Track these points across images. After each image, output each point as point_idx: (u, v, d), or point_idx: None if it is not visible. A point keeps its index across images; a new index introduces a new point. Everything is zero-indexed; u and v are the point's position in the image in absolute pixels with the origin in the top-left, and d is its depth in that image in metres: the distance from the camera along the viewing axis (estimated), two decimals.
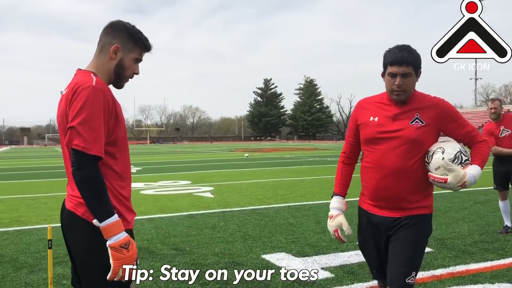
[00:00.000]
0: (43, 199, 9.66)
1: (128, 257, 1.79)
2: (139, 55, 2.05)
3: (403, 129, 2.33)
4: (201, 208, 8.18)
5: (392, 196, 2.38)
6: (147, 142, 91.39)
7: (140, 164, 21.77)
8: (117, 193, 1.93)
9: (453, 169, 2.25)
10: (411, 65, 2.30)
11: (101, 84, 1.87)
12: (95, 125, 1.80)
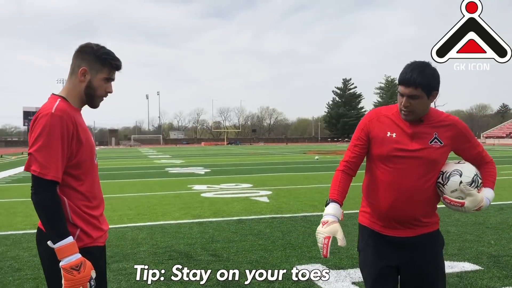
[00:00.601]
0: (110, 200, 10.22)
1: (79, 279, 1.84)
2: (108, 74, 2.10)
3: (423, 149, 2.25)
4: (252, 214, 8.21)
5: (406, 216, 2.29)
6: (225, 143, 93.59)
7: (209, 166, 22.37)
8: (82, 212, 2.00)
9: (471, 193, 2.21)
10: (419, 87, 2.17)
11: (60, 110, 1.93)
12: (51, 152, 1.87)
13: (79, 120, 2.03)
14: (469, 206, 2.20)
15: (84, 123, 2.10)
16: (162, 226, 7.18)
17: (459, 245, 5.69)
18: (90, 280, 1.88)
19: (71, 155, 1.96)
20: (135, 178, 15.94)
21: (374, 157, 2.36)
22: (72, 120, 1.96)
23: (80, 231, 1.97)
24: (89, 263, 1.91)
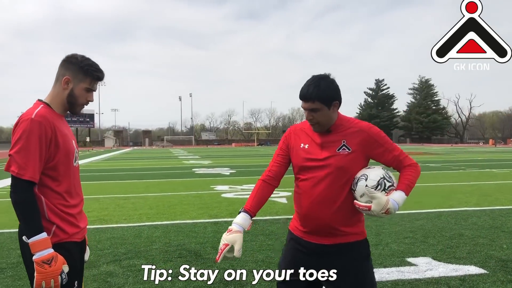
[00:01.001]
0: (133, 199, 10.55)
1: (50, 272, 1.99)
2: (89, 85, 2.24)
3: (332, 157, 2.31)
4: (268, 214, 8.31)
5: (323, 224, 2.33)
6: (255, 144, 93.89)
7: (236, 167, 22.57)
8: (58, 210, 2.15)
9: (375, 196, 2.20)
10: (317, 100, 2.27)
11: (40, 116, 2.09)
12: (29, 154, 2.03)
13: (59, 125, 2.18)
14: (376, 209, 2.20)
15: (65, 128, 2.25)
16: (178, 225, 7.39)
17: (469, 248, 5.63)
18: (61, 274, 2.03)
19: (49, 158, 2.11)
20: (161, 178, 16.29)
21: (293, 167, 2.48)
22: (51, 125, 2.11)
23: (56, 227, 2.12)
24: (61, 258, 2.06)
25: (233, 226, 2.32)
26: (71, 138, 2.28)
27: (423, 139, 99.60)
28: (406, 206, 9.14)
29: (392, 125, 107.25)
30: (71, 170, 2.24)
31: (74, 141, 2.34)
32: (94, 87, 2.28)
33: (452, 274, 4.60)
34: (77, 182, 2.32)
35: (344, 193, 2.31)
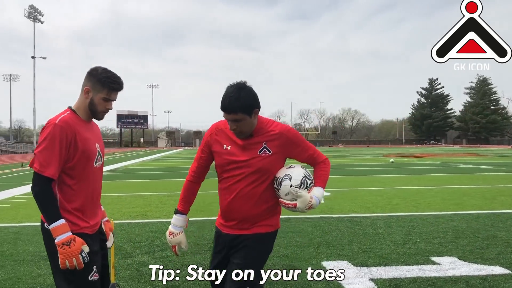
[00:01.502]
0: (175, 197, 11.01)
1: (70, 252, 2.27)
2: (106, 95, 2.49)
3: (253, 159, 2.49)
4: (302, 213, 8.44)
5: (241, 217, 2.55)
6: None
7: None
8: (70, 208, 2.42)
9: (300, 194, 2.44)
10: (238, 111, 2.41)
11: (62, 122, 2.38)
12: (50, 154, 2.33)
13: (81, 130, 2.45)
14: (301, 206, 2.43)
15: (89, 132, 2.51)
16: (213, 221, 7.68)
17: (500, 250, 5.55)
18: (81, 253, 2.30)
19: (68, 159, 2.39)
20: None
21: (216, 166, 2.66)
22: (72, 130, 2.39)
23: (66, 220, 2.37)
24: (79, 240, 2.33)
25: (173, 229, 2.66)
26: (94, 142, 2.54)
27: (480, 140, 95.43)
28: (443, 207, 9.04)
29: (447, 126, 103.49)
30: (90, 170, 2.49)
31: (99, 144, 2.60)
32: (111, 97, 2.52)
33: (474, 274, 4.59)
34: (97, 182, 2.58)
35: (262, 190, 2.52)
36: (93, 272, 2.42)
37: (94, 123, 2.69)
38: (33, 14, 64.29)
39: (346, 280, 4.44)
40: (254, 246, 2.56)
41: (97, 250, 2.52)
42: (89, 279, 2.40)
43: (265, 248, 2.62)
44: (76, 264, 2.30)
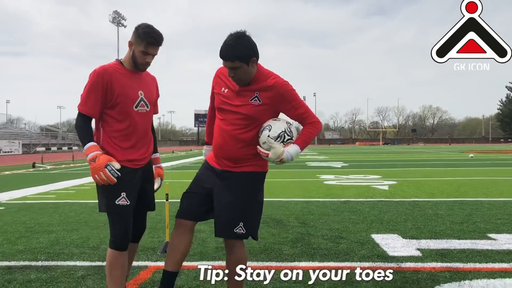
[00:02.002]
0: None
1: (95, 166, 2.60)
2: (144, 48, 2.75)
3: (243, 106, 2.64)
4: (363, 197, 8.43)
5: (230, 157, 2.72)
6: (380, 143, 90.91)
7: (350, 161, 22.49)
8: (112, 142, 2.75)
9: (274, 146, 2.58)
10: (236, 60, 2.53)
11: (102, 69, 2.71)
12: (88, 96, 2.70)
13: (120, 77, 2.74)
14: (272, 157, 2.58)
15: (130, 80, 2.77)
16: (272, 202, 7.92)
17: None
18: (106, 166, 2.60)
19: (106, 101, 2.72)
20: (271, 169, 17.05)
21: (215, 106, 2.85)
22: (109, 76, 2.70)
23: (106, 152, 2.72)
24: (105, 156, 2.63)
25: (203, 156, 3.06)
26: (137, 89, 2.80)
27: None
28: None
29: None
30: (130, 113, 2.78)
31: (145, 92, 2.85)
32: (149, 51, 2.77)
33: None
34: (140, 125, 2.83)
35: (250, 135, 2.68)
36: (121, 198, 2.71)
37: (148, 77, 2.96)
38: (117, 19, 68.56)
39: (391, 249, 4.46)
40: (242, 183, 2.71)
41: (135, 184, 2.81)
42: (116, 203, 2.70)
43: (252, 185, 2.75)
44: (104, 177, 2.60)
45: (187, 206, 2.79)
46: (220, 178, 2.74)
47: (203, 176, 2.84)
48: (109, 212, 2.75)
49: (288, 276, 3.61)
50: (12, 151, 45.15)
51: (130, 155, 2.79)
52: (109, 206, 2.72)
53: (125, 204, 2.73)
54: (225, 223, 2.67)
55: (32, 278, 3.62)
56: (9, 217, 6.63)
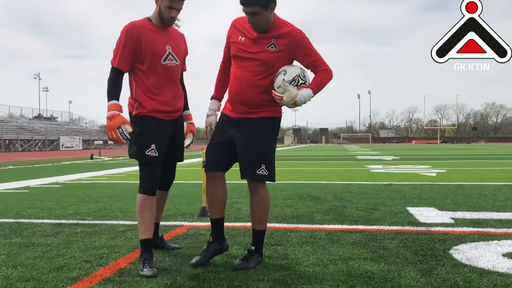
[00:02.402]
0: (296, 171, 11.50)
1: (109, 125, 2.80)
2: (169, 2, 2.91)
3: (260, 52, 2.76)
4: (406, 181, 8.32)
5: (245, 101, 2.83)
6: (437, 142, 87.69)
7: (402, 155, 21.99)
8: (142, 93, 2.93)
9: (288, 89, 2.69)
10: (257, 5, 2.66)
11: (130, 25, 2.92)
12: (118, 50, 2.89)
13: (148, 32, 2.93)
14: (286, 100, 2.68)
15: (158, 35, 2.94)
16: (314, 184, 8.01)
17: None
18: (118, 128, 2.79)
19: (136, 55, 2.91)
20: (322, 161, 17.06)
21: (231, 55, 2.91)
22: (138, 31, 2.89)
23: (138, 104, 2.92)
24: (120, 118, 2.82)
25: (208, 111, 3.05)
26: (165, 44, 2.97)
27: None
28: None
29: None
30: (159, 66, 2.96)
31: (172, 47, 3.01)
32: (173, 5, 2.93)
33: None
34: (169, 78, 3.01)
35: (267, 81, 2.79)
36: (151, 149, 2.89)
37: (176, 33, 3.15)
38: None
39: (424, 218, 4.43)
40: (262, 127, 2.85)
41: (165, 136, 2.99)
42: (146, 153, 2.89)
43: (270, 129, 2.89)
44: (115, 137, 2.81)
45: (214, 158, 2.92)
46: (239, 125, 2.86)
47: (222, 126, 2.95)
48: (139, 160, 2.96)
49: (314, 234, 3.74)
50: (73, 146, 47.74)
51: (161, 106, 2.95)
52: (140, 155, 2.92)
53: (154, 155, 2.91)
54: (248, 165, 2.82)
55: (78, 231, 3.95)
56: (65, 191, 7.15)
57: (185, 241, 3.58)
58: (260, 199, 2.90)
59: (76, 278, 2.61)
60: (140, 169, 2.99)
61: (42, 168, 13.83)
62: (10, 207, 5.45)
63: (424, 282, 2.47)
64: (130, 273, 2.71)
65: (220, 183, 2.95)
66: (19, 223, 4.36)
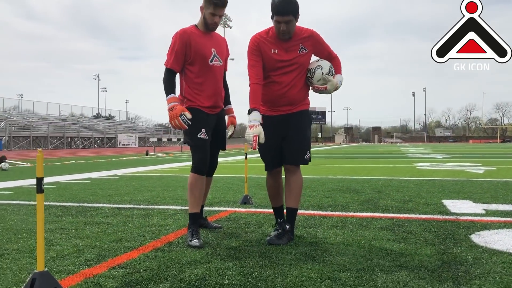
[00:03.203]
0: (340, 167, 11.70)
1: (172, 114, 3.20)
2: (213, 10, 3.32)
3: (295, 58, 3.24)
4: (451, 177, 8.34)
5: (290, 102, 3.30)
6: (497, 141, 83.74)
7: (454, 153, 21.45)
8: (190, 90, 3.35)
9: (330, 79, 3.28)
10: (291, 14, 3.08)
11: (181, 31, 3.33)
12: (171, 53, 3.31)
13: (196, 38, 3.34)
14: (330, 88, 3.28)
15: (205, 39, 3.35)
16: (356, 179, 8.21)
17: None
18: (180, 116, 3.19)
19: (186, 57, 3.33)
20: (369, 158, 17.05)
21: (266, 68, 3.27)
22: (187, 37, 3.31)
23: (187, 99, 3.35)
24: (180, 107, 3.21)
25: (253, 122, 3.11)
26: (211, 47, 3.40)
27: None
28: None
29: None
30: (206, 66, 3.37)
31: (217, 49, 3.43)
32: (216, 12, 3.35)
33: None
34: (215, 77, 3.42)
35: (303, 80, 3.31)
36: (201, 132, 3.31)
37: (219, 37, 3.56)
38: (223, 20, 71.82)
39: (457, 208, 4.59)
40: (303, 119, 3.35)
41: (210, 123, 3.40)
42: (198, 136, 3.31)
43: (309, 120, 3.42)
44: (178, 124, 3.21)
45: (271, 159, 3.38)
46: (285, 121, 3.30)
47: (269, 127, 3.22)
48: (192, 144, 3.36)
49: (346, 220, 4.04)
50: (130, 144, 49.85)
51: (206, 102, 3.38)
52: (193, 139, 3.34)
53: (204, 138, 3.34)
54: (297, 152, 3.29)
55: (134, 213, 4.45)
56: (122, 182, 7.79)
57: (226, 222, 3.98)
58: (298, 178, 3.33)
59: (132, 247, 3.06)
60: (192, 151, 3.39)
61: (102, 163, 14.80)
62: (75, 194, 6.10)
63: (437, 258, 2.72)
64: (177, 245, 3.13)
65: (278, 178, 3.46)
66: (83, 207, 4.94)
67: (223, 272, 2.48)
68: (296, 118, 3.32)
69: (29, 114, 50.46)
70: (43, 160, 2.16)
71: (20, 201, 5.40)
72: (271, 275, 2.41)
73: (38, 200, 2.14)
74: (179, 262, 2.68)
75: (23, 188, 6.87)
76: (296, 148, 3.29)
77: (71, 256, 2.84)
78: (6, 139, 38.26)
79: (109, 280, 2.34)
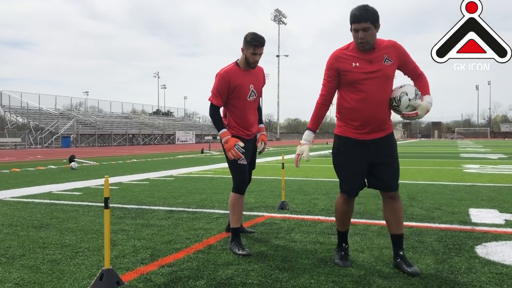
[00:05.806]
0: None
1: (227, 146, 3.73)
2: (253, 50, 3.79)
3: (381, 69, 3.04)
4: (493, 183, 8.44)
5: (378, 122, 3.10)
6: None
7: (507, 153, 20.80)
8: (234, 123, 3.87)
9: (419, 104, 3.06)
10: (368, 20, 2.95)
11: (224, 71, 3.82)
12: (216, 91, 3.82)
13: (237, 76, 3.80)
14: (422, 113, 3.04)
15: (244, 77, 3.76)
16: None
17: None
18: (235, 146, 3.72)
19: (229, 94, 3.84)
20: (420, 159, 16.95)
21: (346, 84, 3.09)
22: (229, 76, 3.79)
23: (230, 127, 3.87)
24: (233, 139, 3.74)
25: (303, 141, 3.27)
26: (249, 83, 3.88)
27: None
28: None
29: None
30: (245, 102, 3.89)
31: (254, 85, 3.94)
32: (256, 51, 3.82)
33: None
34: (250, 110, 3.94)
35: (388, 95, 3.09)
36: (241, 158, 3.84)
37: (257, 70, 3.98)
38: (278, 17, 72.44)
39: (478, 218, 4.88)
40: (392, 144, 3.20)
41: (248, 148, 3.91)
42: (239, 162, 3.84)
43: (395, 144, 3.25)
44: (234, 154, 3.75)
45: (355, 186, 3.19)
46: (376, 145, 3.12)
47: (355, 153, 3.14)
48: (233, 168, 3.90)
49: (369, 228, 4.48)
50: (187, 140, 51.78)
51: (246, 130, 3.93)
52: (234, 164, 3.88)
53: (244, 163, 3.88)
54: (393, 179, 3.15)
55: (183, 217, 5.13)
56: (177, 184, 8.58)
57: (261, 227, 4.56)
58: (400, 205, 3.22)
59: (178, 248, 3.71)
60: (233, 174, 3.91)
61: (160, 162, 15.88)
62: (135, 196, 6.91)
63: (433, 267, 3.15)
64: (216, 248, 3.75)
65: (352, 204, 3.33)
66: (141, 209, 5.69)
67: (248, 273, 3.06)
68: (387, 142, 3.16)
69: (94, 112, 53.57)
70: (108, 184, 2.82)
71: (89, 202, 6.27)
72: (286, 277, 2.96)
73: (105, 215, 2.80)
74: (215, 263, 3.29)
75: (90, 189, 7.82)
76: (391, 174, 3.14)
77: (130, 256, 3.53)
78: (74, 137, 41.03)
79: (158, 277, 2.98)
